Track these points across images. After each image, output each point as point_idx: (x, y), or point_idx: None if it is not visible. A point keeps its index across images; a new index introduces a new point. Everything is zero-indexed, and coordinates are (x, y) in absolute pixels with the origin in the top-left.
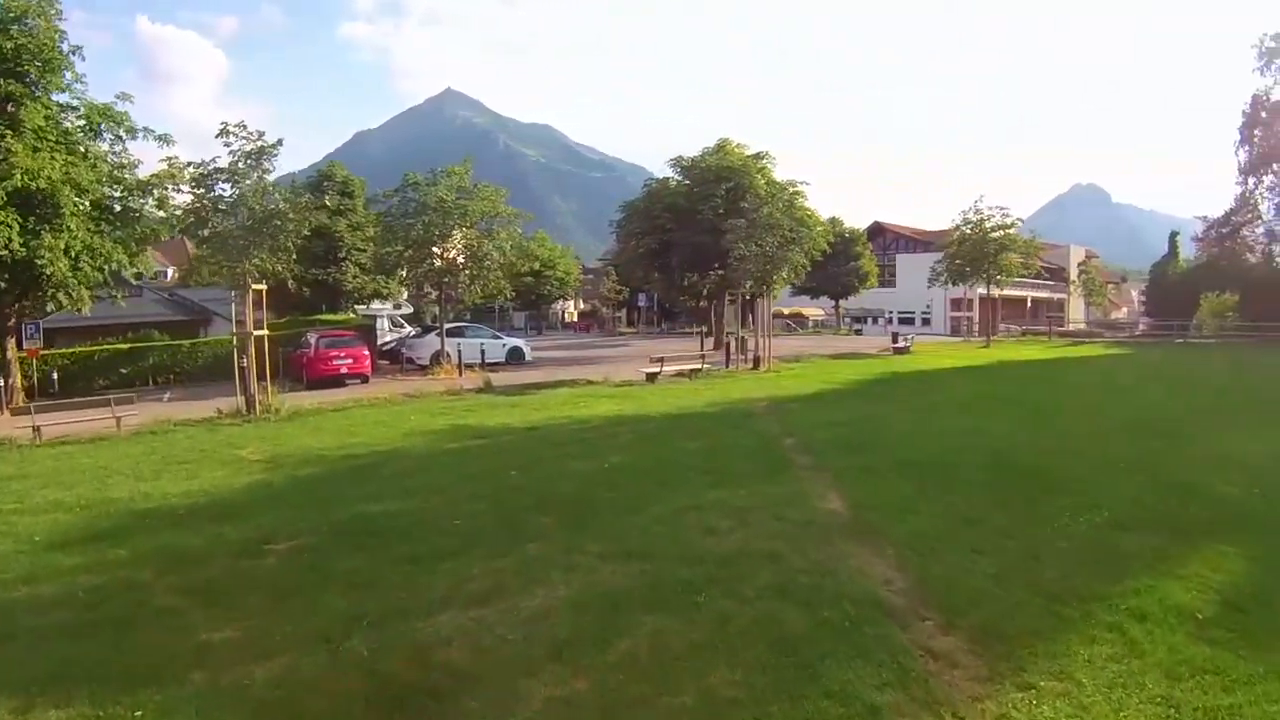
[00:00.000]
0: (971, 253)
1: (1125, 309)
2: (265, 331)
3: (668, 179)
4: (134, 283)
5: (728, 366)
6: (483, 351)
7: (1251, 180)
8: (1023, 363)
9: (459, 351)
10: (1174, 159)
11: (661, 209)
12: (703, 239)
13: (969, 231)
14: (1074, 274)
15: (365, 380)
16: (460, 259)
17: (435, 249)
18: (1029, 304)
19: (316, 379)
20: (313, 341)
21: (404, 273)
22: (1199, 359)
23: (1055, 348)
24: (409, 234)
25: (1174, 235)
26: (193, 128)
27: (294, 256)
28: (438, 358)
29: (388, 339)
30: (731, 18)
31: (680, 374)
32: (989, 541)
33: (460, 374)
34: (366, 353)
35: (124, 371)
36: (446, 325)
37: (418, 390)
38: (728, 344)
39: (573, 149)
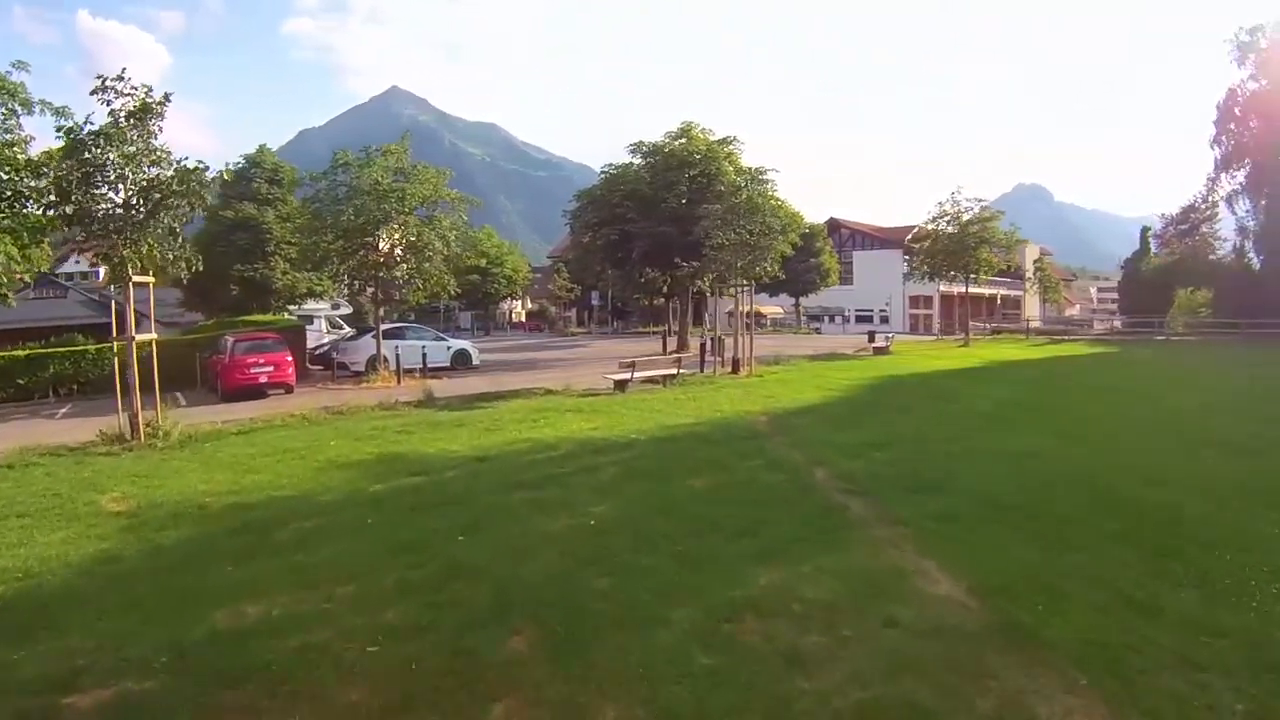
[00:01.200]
0: (950, 247)
1: (1078, 306)
2: (153, 335)
3: (628, 164)
4: (27, 280)
5: (703, 370)
6: (424, 355)
7: (1225, 175)
8: (1017, 364)
9: (397, 356)
10: (1115, 160)
11: (621, 197)
12: (666, 230)
13: (946, 225)
14: (1029, 271)
15: (289, 390)
16: (398, 250)
17: (369, 239)
18: (998, 301)
19: (233, 389)
20: (228, 346)
21: (335, 266)
22: (1194, 357)
23: (1037, 346)
24: (338, 221)
25: (1145, 231)
26: None
27: (182, 242)
28: (374, 363)
29: (323, 342)
30: (680, 16)
31: (653, 381)
32: (1194, 646)
33: (399, 382)
34: (290, 359)
35: (21, 382)
36: (384, 326)
37: (347, 404)
38: (703, 345)
39: (519, 148)
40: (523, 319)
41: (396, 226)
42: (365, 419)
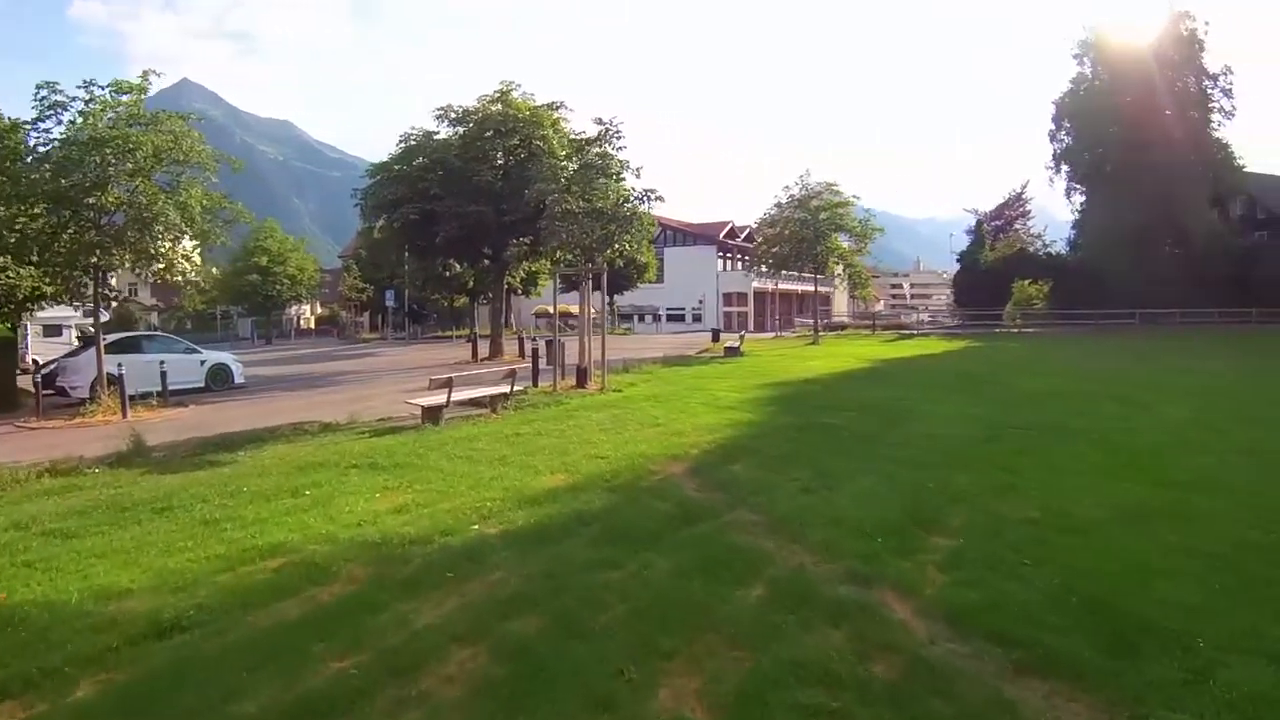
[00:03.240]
0: (799, 234)
1: (881, 302)
2: None
3: (432, 133)
4: None
5: (537, 384)
6: (163, 375)
7: (1064, 170)
8: (909, 362)
9: (121, 377)
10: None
11: (424, 170)
12: (478, 210)
13: (795, 211)
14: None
15: None
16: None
17: (83, 209)
18: (830, 297)
19: None
20: None
21: (34, 250)
22: (1076, 349)
23: (892, 342)
24: (33, 184)
25: (980, 224)
26: None
27: None
28: (98, 387)
29: (54, 359)
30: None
31: (477, 404)
32: None
33: (124, 414)
34: None
35: None
36: (114, 337)
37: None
38: (534, 352)
39: (313, 147)
40: (313, 325)
41: (120, 190)
42: None
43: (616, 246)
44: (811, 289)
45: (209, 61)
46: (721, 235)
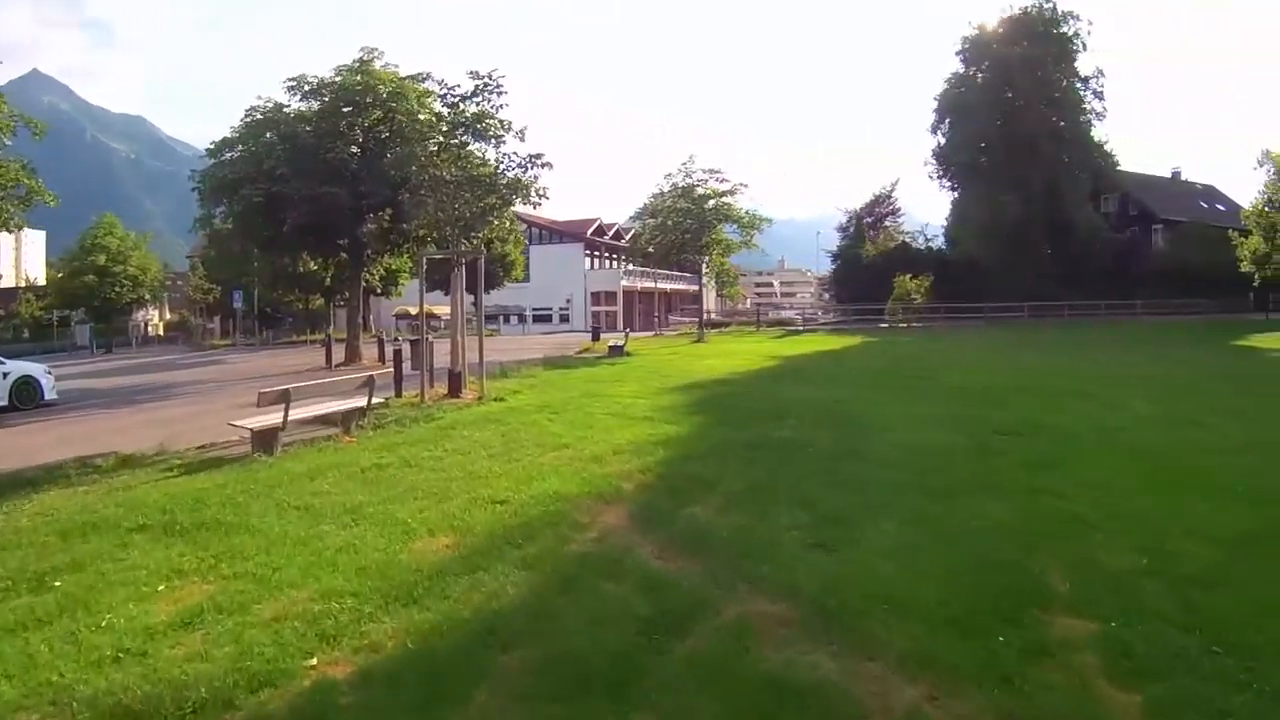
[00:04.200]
0: (681, 225)
1: (748, 300)
2: None
3: (282, 105)
4: None
5: (401, 395)
6: None
7: (942, 166)
8: (808, 359)
9: None
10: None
11: (270, 147)
12: (332, 192)
13: (679, 200)
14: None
15: None
16: None
17: None
18: (700, 296)
19: None
20: None
21: None
22: (983, 344)
23: (781, 339)
24: None
25: (859, 221)
26: None
27: None
28: None
29: None
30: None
31: (327, 422)
32: None
33: None
34: None
35: None
36: None
37: None
38: (397, 355)
39: (166, 144)
40: (162, 332)
41: None
42: None
43: (496, 223)
44: (680, 287)
45: (61, 52)
46: (589, 233)
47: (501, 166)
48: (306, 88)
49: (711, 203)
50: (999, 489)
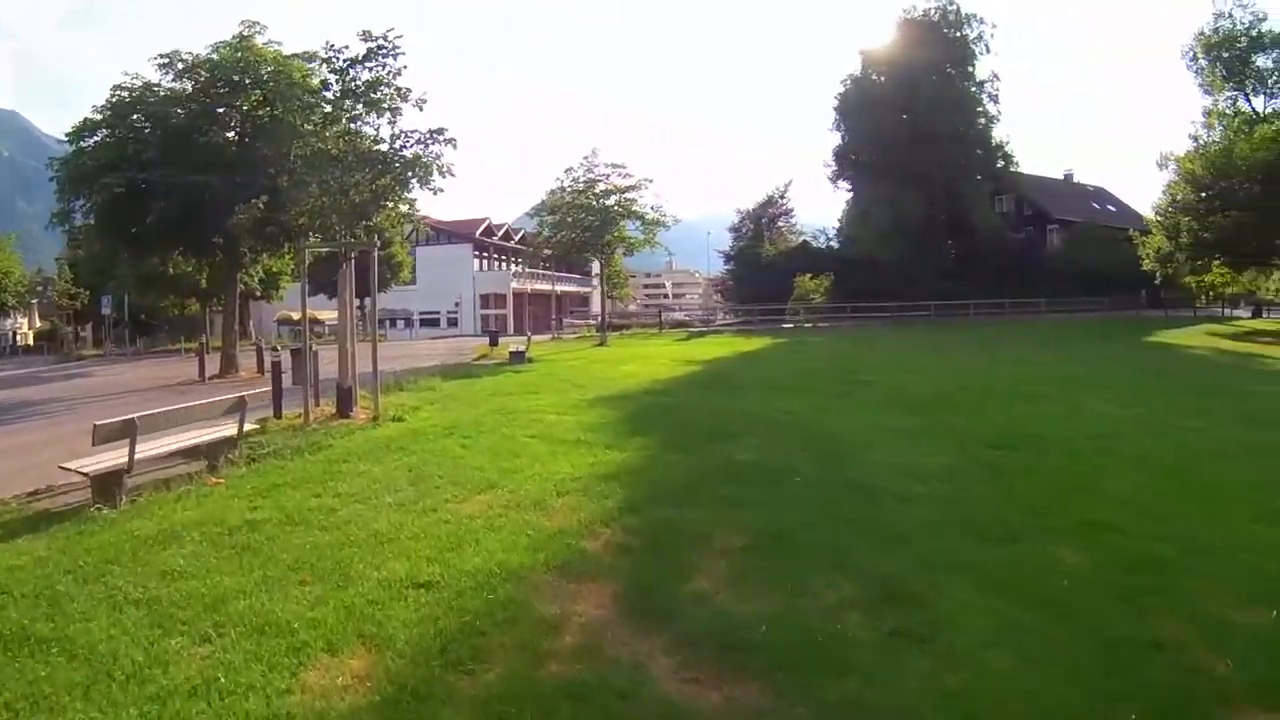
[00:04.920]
0: (582, 221)
1: (636, 302)
2: None
3: (153, 85)
4: None
5: (280, 415)
6: None
7: (841, 166)
8: (729, 363)
9: None
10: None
11: (137, 130)
12: (202, 181)
13: (580, 196)
14: (595, 267)
15: None
16: None
17: None
18: (589, 297)
19: None
20: None
21: None
22: (905, 343)
23: (686, 341)
24: None
25: (761, 220)
26: None
27: None
28: None
29: None
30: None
31: (188, 456)
32: None
33: None
34: None
35: None
36: None
37: None
38: (276, 366)
39: (41, 140)
40: (31, 341)
41: None
42: None
43: (391, 209)
44: (572, 289)
45: None
46: (478, 233)
47: (398, 143)
48: (180, 65)
49: (614, 199)
50: (1049, 526)
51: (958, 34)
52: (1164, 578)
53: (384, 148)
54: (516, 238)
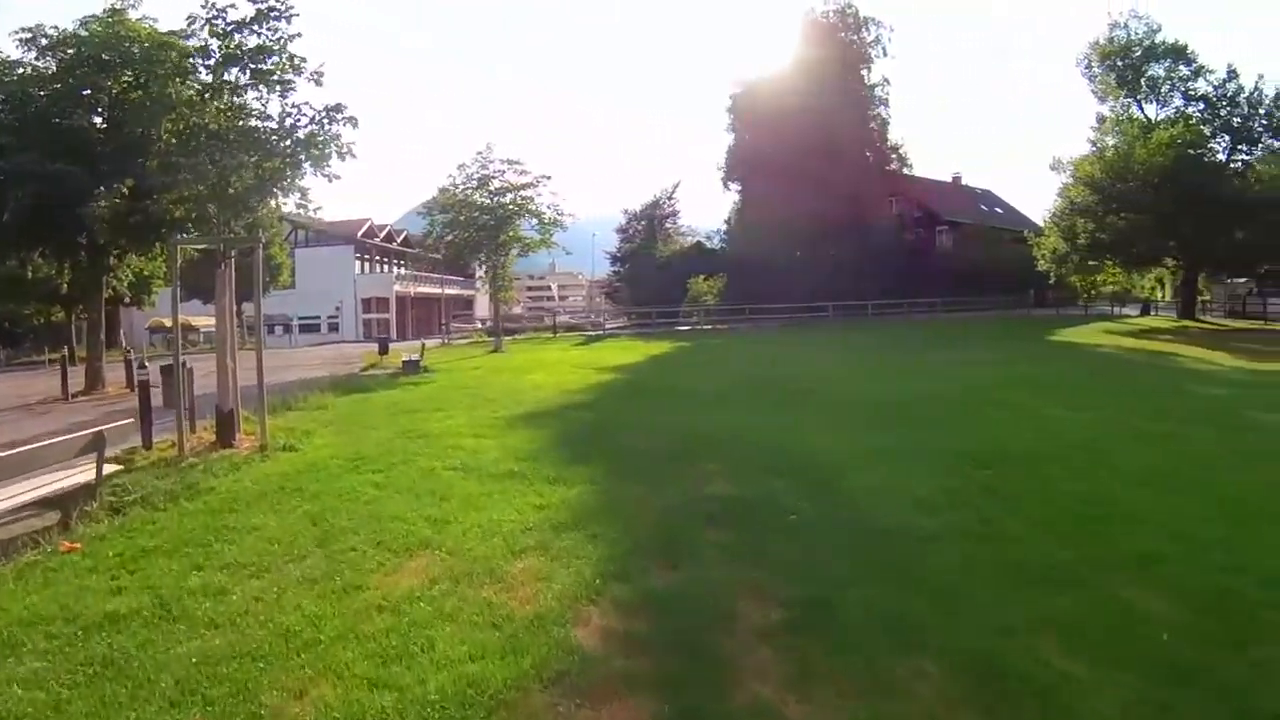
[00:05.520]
0: (477, 220)
1: (520, 305)
2: None
3: (13, 62)
4: None
5: (150, 446)
6: None
7: (737, 168)
8: (643, 369)
9: None
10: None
11: None
12: (66, 170)
13: (474, 193)
14: (479, 270)
15: None
16: None
17: None
18: (473, 300)
19: None
20: None
21: None
22: (821, 344)
23: (587, 347)
24: None
25: (652, 221)
26: None
27: None
28: None
29: None
30: None
31: (45, 504)
32: None
33: None
34: None
35: None
36: None
37: None
38: (144, 386)
39: None
40: None
41: None
42: None
43: (282, 192)
44: (457, 291)
45: None
46: (360, 234)
47: (289, 121)
48: (44, 41)
49: (509, 196)
50: (1099, 562)
51: (855, 36)
52: (1258, 621)
53: (273, 125)
54: (400, 239)
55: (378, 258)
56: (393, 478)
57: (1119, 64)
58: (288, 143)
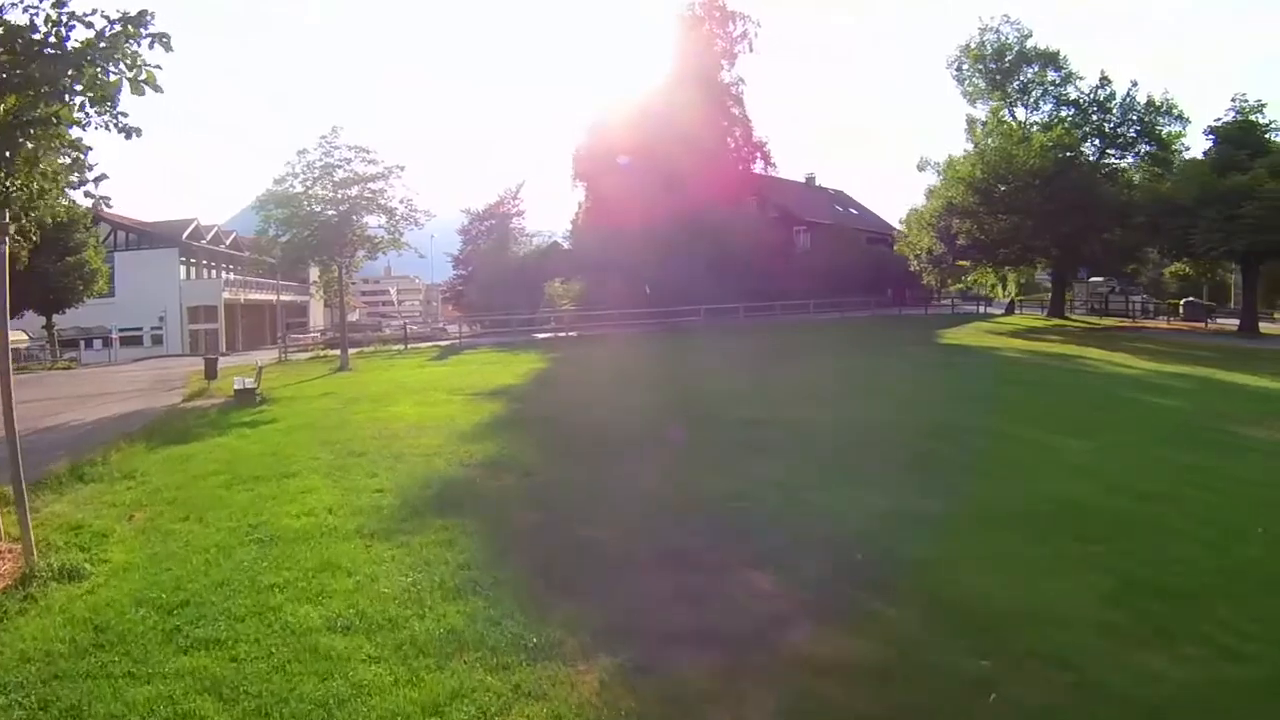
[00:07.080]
0: (319, 216)
1: (358, 312)
2: None
3: None
4: None
5: None
6: None
7: (589, 167)
8: (533, 391)
9: None
10: None
11: None
12: None
13: (315, 185)
14: (314, 275)
15: None
16: None
17: None
18: (308, 307)
19: None
20: None
21: None
22: (729, 353)
23: (450, 363)
24: None
25: (503, 220)
26: None
27: None
28: None
29: None
30: None
31: None
32: None
33: None
34: None
35: None
36: None
37: None
38: None
39: None
40: None
41: None
42: None
43: (39, 144)
44: (292, 298)
45: None
46: (185, 236)
47: (59, 29)
48: None
49: (356, 189)
50: None
51: (721, 31)
52: None
53: (36, 37)
54: (229, 240)
55: (205, 262)
56: (242, 660)
57: (990, 68)
58: (53, 63)
